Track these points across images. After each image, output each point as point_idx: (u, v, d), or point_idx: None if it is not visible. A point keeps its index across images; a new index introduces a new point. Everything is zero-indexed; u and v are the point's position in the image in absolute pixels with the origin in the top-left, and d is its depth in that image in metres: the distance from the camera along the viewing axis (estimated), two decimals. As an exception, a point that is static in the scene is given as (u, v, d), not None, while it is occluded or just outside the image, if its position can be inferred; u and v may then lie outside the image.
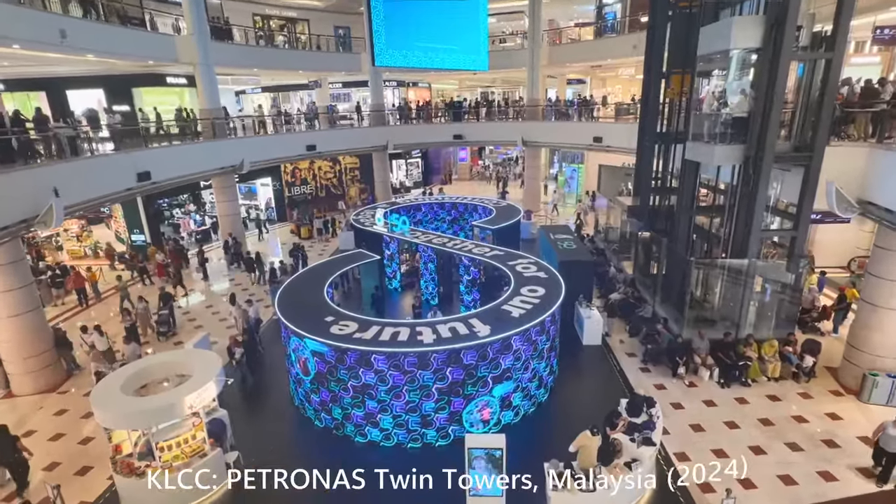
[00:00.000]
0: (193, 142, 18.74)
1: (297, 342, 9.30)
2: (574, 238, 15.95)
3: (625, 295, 14.47)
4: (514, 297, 10.29)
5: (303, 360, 9.34)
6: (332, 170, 28.62)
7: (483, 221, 16.99)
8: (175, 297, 15.61)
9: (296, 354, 9.45)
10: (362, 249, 14.40)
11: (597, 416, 8.63)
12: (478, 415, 9.22)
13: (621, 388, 10.94)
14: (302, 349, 9.25)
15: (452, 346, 8.58)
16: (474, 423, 9.21)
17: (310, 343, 9.00)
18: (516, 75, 35.39)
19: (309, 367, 9.27)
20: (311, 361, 9.17)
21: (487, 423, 9.35)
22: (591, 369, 11.90)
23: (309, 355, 9.13)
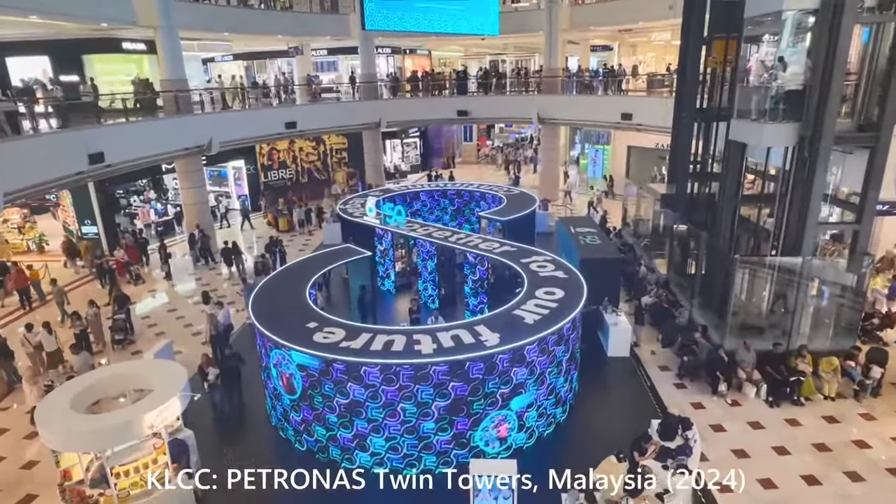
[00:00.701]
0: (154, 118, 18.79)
1: (280, 355, 9.33)
2: (598, 232, 15.97)
3: (657, 298, 14.50)
4: (528, 301, 10.32)
5: (287, 377, 9.36)
6: (315, 151, 28.66)
7: (492, 212, 17.03)
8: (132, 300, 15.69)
9: (278, 370, 9.48)
10: (350, 244, 14.45)
11: (623, 440, 8.67)
12: (493, 432, 9.27)
13: (652, 406, 10.97)
14: (286, 363, 9.28)
15: (455, 356, 8.61)
16: (490, 442, 9.27)
17: (296, 356, 9.03)
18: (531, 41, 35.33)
19: (294, 385, 9.30)
20: (297, 377, 9.20)
21: (505, 440, 9.41)
22: (617, 385, 11.93)
23: (295, 370, 9.16)
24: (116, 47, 21.65)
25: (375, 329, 9.69)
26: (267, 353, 9.71)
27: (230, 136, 20.43)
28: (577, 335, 10.76)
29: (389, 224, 15.43)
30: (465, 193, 19.81)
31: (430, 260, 14.93)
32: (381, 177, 27.87)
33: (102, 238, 20.32)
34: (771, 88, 11.27)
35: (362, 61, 26.16)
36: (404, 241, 16.65)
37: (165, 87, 19.06)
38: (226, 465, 8.57)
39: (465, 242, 13.95)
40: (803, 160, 11.18)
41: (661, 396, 11.31)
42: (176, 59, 18.94)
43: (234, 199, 26.89)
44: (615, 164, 27.92)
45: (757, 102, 11.69)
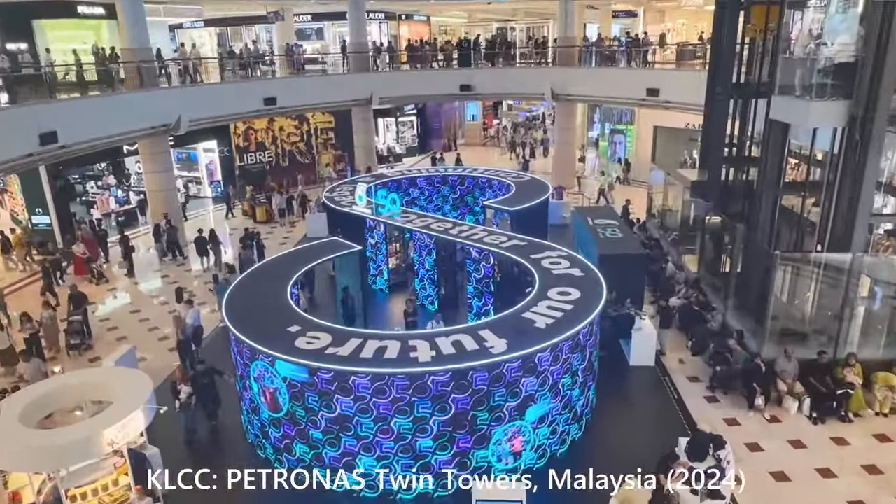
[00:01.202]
0: (114, 93, 18.76)
1: (263, 367, 9.31)
2: (620, 224, 15.98)
3: (686, 300, 14.50)
4: (539, 303, 10.31)
5: (270, 392, 9.35)
6: (297, 131, 28.64)
7: (499, 201, 17.02)
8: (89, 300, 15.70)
9: (260, 384, 9.48)
10: (338, 237, 14.44)
11: (647, 461, 8.67)
12: (507, 446, 9.29)
13: (680, 422, 10.99)
14: (270, 377, 9.28)
15: (457, 365, 8.61)
16: (502, 457, 9.30)
17: (283, 367, 9.01)
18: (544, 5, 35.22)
19: (280, 401, 9.29)
20: (283, 392, 9.19)
21: (520, 455, 9.45)
22: (640, 398, 11.94)
23: (280, 384, 9.14)
24: (71, 11, 21.62)
25: (366, 334, 9.66)
26: (245, 364, 9.70)
27: (201, 114, 20.40)
28: (595, 341, 10.76)
29: (382, 214, 15.42)
30: (468, 180, 19.80)
31: (428, 255, 14.94)
32: (372, 160, 27.85)
33: (56, 229, 20.33)
34: (818, 60, 11.23)
35: (351, 28, 26.08)
36: (399, 234, 16.67)
37: (127, 57, 19.02)
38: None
39: (468, 235, 13.94)
40: (854, 143, 11.14)
41: (689, 411, 11.33)
42: (139, 25, 18.89)
43: (205, 184, 26.92)
44: (639, 146, 27.90)
45: (802, 76, 11.65)
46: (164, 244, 19.82)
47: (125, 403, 8.29)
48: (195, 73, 21.91)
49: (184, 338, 12.69)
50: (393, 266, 16.72)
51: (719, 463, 8.81)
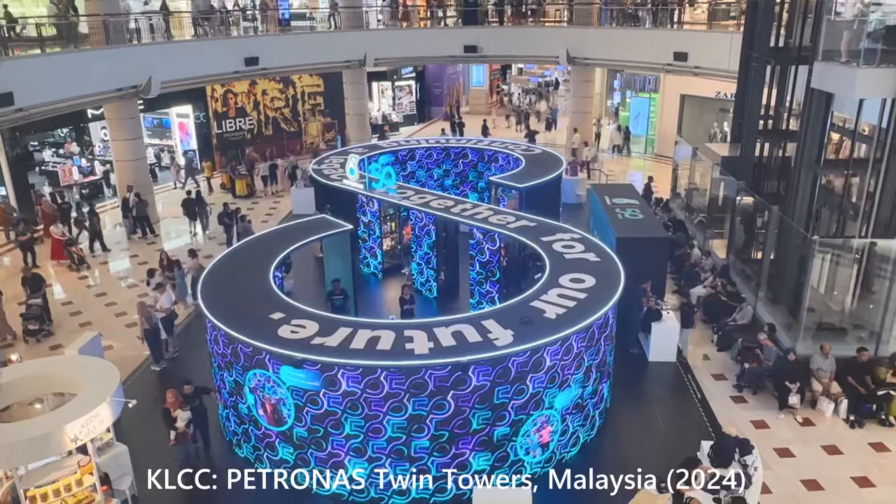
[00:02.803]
0: (76, 49, 18.62)
1: (264, 376, 9.21)
2: (641, 204, 15.94)
3: (713, 289, 14.53)
4: (550, 290, 10.33)
5: (272, 404, 9.34)
6: (282, 96, 28.49)
7: (506, 176, 16.97)
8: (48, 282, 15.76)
9: (258, 395, 9.43)
10: (326, 215, 14.42)
11: (666, 466, 8.73)
12: (535, 437, 9.41)
13: (703, 424, 11.06)
14: (272, 387, 9.22)
15: (457, 358, 8.65)
16: (531, 450, 9.44)
17: (289, 374, 8.94)
18: (561, -43, 34.79)
19: (284, 414, 9.24)
20: (288, 403, 9.13)
21: (548, 446, 9.60)
22: (659, 397, 12.01)
23: (287, 394, 9.12)
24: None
25: (357, 322, 9.68)
26: (239, 366, 9.65)
27: (174, 75, 20.26)
28: (611, 334, 10.81)
29: (376, 190, 15.39)
30: (472, 152, 19.73)
31: (426, 236, 14.93)
32: (365, 130, 27.73)
33: (12, 202, 20.30)
34: (868, 23, 11.12)
35: (343, -20, 25.85)
36: (395, 212, 16.63)
37: (92, 10, 18.86)
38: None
39: (472, 215, 13.92)
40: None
41: (714, 412, 11.40)
42: (105, -27, 18.72)
43: (178, 153, 26.87)
44: (664, 117, 27.76)
45: (849, 41, 11.55)
46: (132, 220, 19.79)
47: (90, 396, 8.32)
48: (167, 29, 21.74)
49: (150, 327, 12.67)
50: (387, 248, 16.72)
51: (745, 469, 8.87)
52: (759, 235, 15.23)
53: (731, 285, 14.62)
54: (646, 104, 29.05)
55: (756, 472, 8.90)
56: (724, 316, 13.79)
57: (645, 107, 29.07)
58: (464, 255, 14.84)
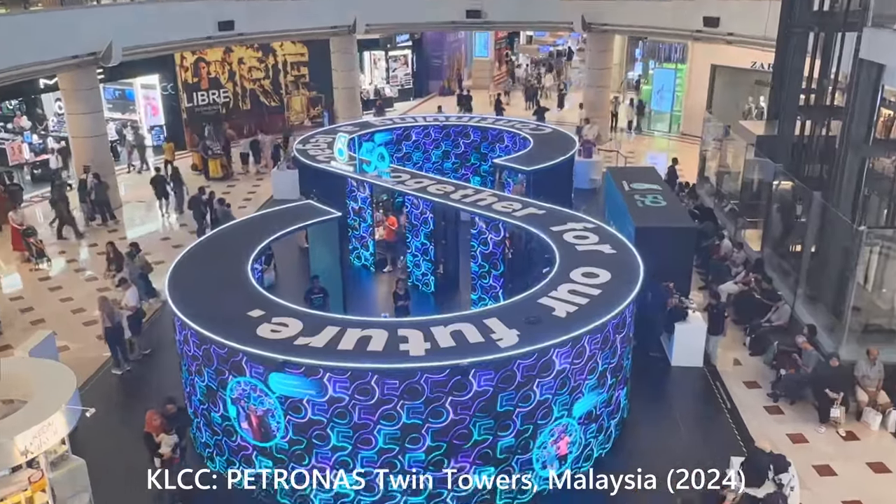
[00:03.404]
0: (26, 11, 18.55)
1: (248, 384, 9.21)
2: (664, 189, 15.97)
3: (745, 285, 14.57)
4: (560, 286, 10.38)
5: (258, 416, 9.39)
6: (261, 65, 28.46)
7: (512, 159, 16.99)
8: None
9: (240, 406, 9.44)
10: (312, 201, 14.48)
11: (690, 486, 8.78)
12: (553, 448, 9.50)
13: (733, 438, 11.14)
14: (259, 396, 9.22)
15: (456, 360, 8.72)
16: (548, 464, 9.55)
17: (279, 382, 8.92)
18: None
19: (272, 427, 9.25)
20: (278, 415, 9.16)
21: (566, 459, 9.73)
22: (683, 407, 12.08)
23: (276, 404, 9.14)
24: None
25: (345, 321, 9.74)
26: (212, 370, 9.69)
27: (138, 41, 20.20)
28: (628, 335, 10.87)
29: (367, 173, 15.44)
30: (474, 132, 19.75)
31: (423, 225, 14.99)
32: (356, 105, 27.72)
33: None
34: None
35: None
36: (389, 198, 16.64)
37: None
38: None
39: (474, 201, 13.95)
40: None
41: (745, 424, 11.46)
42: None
43: (144, 130, 26.89)
44: (692, 91, 27.75)
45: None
46: (90, 204, 19.78)
47: (42, 403, 8.31)
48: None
49: (112, 325, 12.71)
50: (380, 238, 16.78)
51: (781, 489, 8.92)
52: (798, 225, 15.25)
53: (766, 281, 14.65)
54: (671, 76, 29.02)
55: (792, 492, 8.95)
56: (758, 316, 13.84)
57: (670, 79, 29.05)
58: (464, 246, 14.88)
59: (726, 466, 9.73)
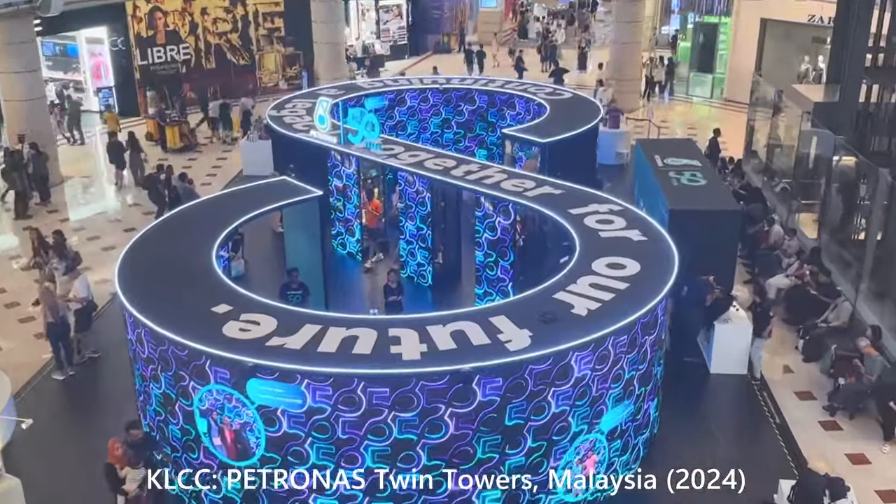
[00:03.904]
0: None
1: (221, 393, 9.15)
2: (704, 166, 15.95)
3: (799, 279, 14.56)
4: (580, 279, 10.39)
5: (234, 430, 9.33)
6: (228, 17, 28.35)
7: (525, 129, 16.96)
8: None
9: (212, 419, 9.40)
10: (288, 176, 14.45)
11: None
12: (579, 468, 9.58)
13: (782, 459, 11.16)
14: (234, 408, 9.19)
15: (458, 366, 8.72)
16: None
17: (260, 390, 8.91)
18: None
19: (249, 443, 9.22)
20: (257, 429, 9.14)
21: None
22: (723, 421, 12.11)
23: (255, 417, 9.09)
24: None
25: (327, 318, 9.75)
26: (170, 375, 9.67)
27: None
28: (660, 337, 10.87)
29: (354, 145, 15.41)
30: (480, 97, 19.71)
31: (419, 206, 14.98)
32: (340, 64, 27.62)
33: None
34: None
35: None
36: (379, 175, 16.63)
37: None
38: None
39: (479, 179, 13.94)
40: None
41: (796, 442, 11.47)
42: None
43: (89, 92, 26.81)
44: (738, 49, 27.64)
45: None
46: (26, 179, 19.74)
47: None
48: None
49: (55, 320, 12.72)
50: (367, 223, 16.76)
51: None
52: (862, 208, 15.23)
53: (824, 274, 14.62)
54: (714, 32, 28.94)
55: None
56: (813, 315, 13.84)
57: (713, 36, 28.99)
58: (468, 231, 14.88)
59: (774, 492, 9.77)
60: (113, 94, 26.33)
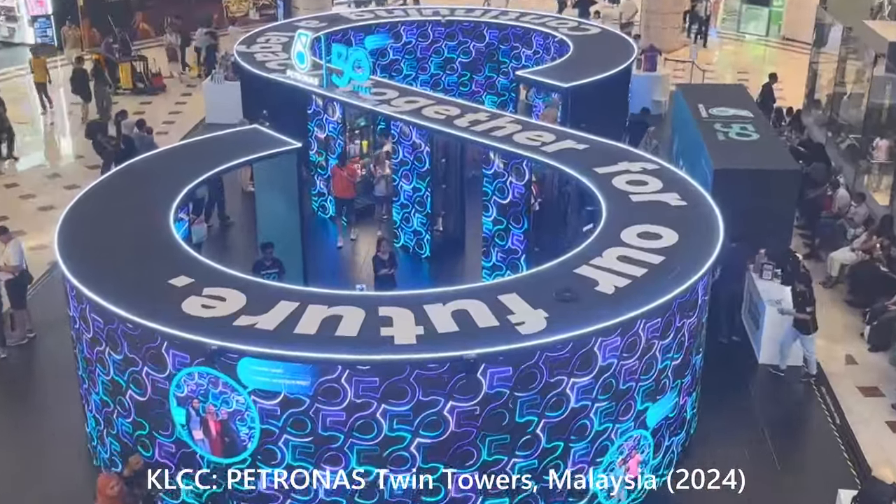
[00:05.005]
0: None
1: (205, 377, 9.14)
2: (756, 117, 15.89)
3: (867, 254, 14.54)
4: (606, 251, 10.41)
5: (220, 421, 9.37)
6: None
7: (544, 71, 16.91)
8: None
9: (192, 408, 9.43)
10: (260, 125, 14.42)
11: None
12: (621, 470, 9.71)
13: (842, 464, 11.19)
14: (223, 392, 9.19)
15: (460, 352, 8.71)
16: (613, 490, 9.77)
17: (254, 372, 8.92)
18: None
19: (239, 435, 9.24)
20: (251, 417, 9.19)
21: (635, 483, 10.02)
22: (774, 420, 12.14)
23: (249, 404, 9.11)
24: None
25: (306, 294, 9.79)
26: (129, 362, 9.65)
27: None
28: (700, 322, 10.90)
29: (339, 88, 15.35)
30: (490, 32, 19.60)
31: (416, 163, 14.97)
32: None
33: None
34: None
35: None
36: (368, 125, 16.57)
37: None
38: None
39: (487, 130, 13.91)
40: None
41: (859, 445, 11.50)
42: None
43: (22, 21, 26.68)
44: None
45: None
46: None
47: None
48: None
49: None
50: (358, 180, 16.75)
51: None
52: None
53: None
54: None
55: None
56: (883, 296, 13.84)
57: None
58: (473, 193, 14.86)
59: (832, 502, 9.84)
60: (52, 24, 26.18)
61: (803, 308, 12.37)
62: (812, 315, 12.42)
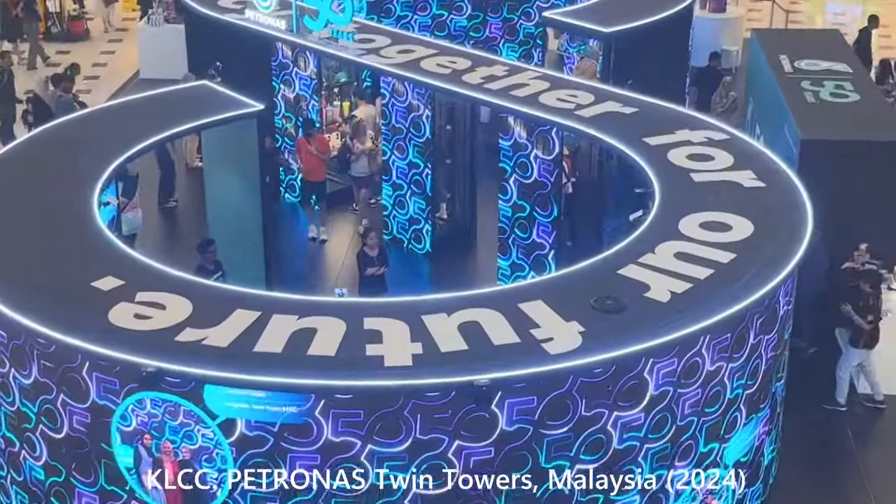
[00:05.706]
0: None
1: (158, 404, 9.18)
2: (856, 72, 15.87)
3: None
4: (659, 245, 10.45)
5: (178, 462, 9.31)
6: None
7: (578, 11, 16.93)
8: None
9: (143, 446, 9.43)
10: (211, 81, 14.44)
11: None
12: None
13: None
14: (184, 425, 9.27)
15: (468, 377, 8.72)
16: None
17: (225, 399, 8.95)
18: None
19: (208, 482, 9.28)
20: (222, 458, 9.23)
21: None
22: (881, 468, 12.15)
23: (220, 439, 9.13)
24: None
25: (270, 301, 9.83)
26: (42, 388, 9.68)
27: None
28: (781, 338, 10.89)
29: (313, 34, 15.36)
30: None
31: (413, 131, 14.96)
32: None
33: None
34: None
35: None
36: (351, 81, 16.61)
37: None
38: None
39: (504, 89, 13.95)
40: None
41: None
42: None
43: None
44: None
45: None
46: None
47: None
48: None
49: None
50: (336, 154, 16.77)
51: None
52: None
53: None
54: None
55: None
56: None
57: None
58: (487, 171, 14.88)
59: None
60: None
61: (865, 314, 12.42)
62: (873, 325, 12.51)
